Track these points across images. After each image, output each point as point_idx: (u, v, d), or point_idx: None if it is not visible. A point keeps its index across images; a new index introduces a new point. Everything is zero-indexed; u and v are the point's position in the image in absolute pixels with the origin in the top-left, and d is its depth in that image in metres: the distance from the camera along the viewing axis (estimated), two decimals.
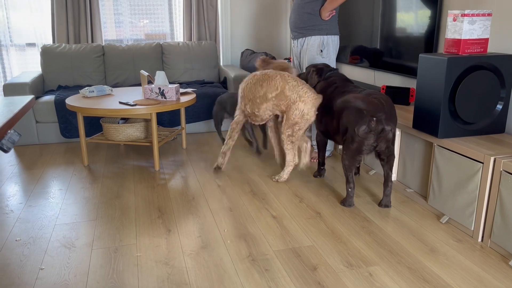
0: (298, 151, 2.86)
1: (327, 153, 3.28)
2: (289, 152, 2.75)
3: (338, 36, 3.11)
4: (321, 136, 2.85)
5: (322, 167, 2.95)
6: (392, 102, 2.37)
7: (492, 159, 1.99)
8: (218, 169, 3.05)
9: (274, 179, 2.86)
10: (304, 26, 3.05)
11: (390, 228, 2.25)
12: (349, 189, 2.48)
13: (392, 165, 2.43)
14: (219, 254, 2.02)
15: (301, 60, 3.18)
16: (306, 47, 3.09)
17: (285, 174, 2.84)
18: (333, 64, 3.10)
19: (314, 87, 2.86)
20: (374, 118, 2.24)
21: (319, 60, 3.06)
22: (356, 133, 2.29)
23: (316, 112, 2.69)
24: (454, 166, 2.21)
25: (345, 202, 2.52)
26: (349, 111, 2.37)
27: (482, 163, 2.04)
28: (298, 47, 3.18)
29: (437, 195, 2.37)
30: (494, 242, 2.03)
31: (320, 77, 2.85)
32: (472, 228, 2.14)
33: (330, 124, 2.63)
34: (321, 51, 3.05)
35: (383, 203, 2.50)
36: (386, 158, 2.41)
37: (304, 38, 3.09)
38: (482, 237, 2.11)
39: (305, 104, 2.62)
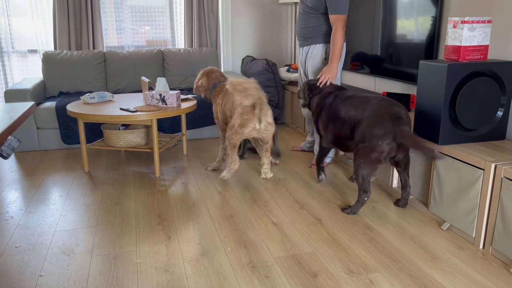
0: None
1: (328, 160, 3.30)
2: (229, 151, 2.94)
3: (345, 43, 3.05)
4: (329, 144, 2.77)
5: (322, 165, 2.98)
6: (407, 113, 2.37)
7: (493, 165, 1.98)
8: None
9: (206, 166, 3.25)
10: (309, 35, 3.05)
11: (391, 235, 2.24)
12: (366, 198, 2.45)
13: (409, 171, 2.51)
14: (219, 261, 2.01)
15: (306, 67, 3.19)
16: (311, 55, 3.10)
17: (224, 173, 3.00)
18: (338, 71, 3.06)
19: (310, 102, 2.91)
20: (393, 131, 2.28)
21: (322, 68, 3.05)
22: (380, 144, 2.29)
23: (253, 130, 2.87)
24: (455, 172, 2.21)
25: (353, 209, 2.49)
26: (371, 122, 2.34)
27: (483, 170, 2.03)
28: (303, 54, 3.19)
29: (438, 202, 2.36)
30: (496, 249, 2.02)
31: (312, 93, 2.88)
32: (474, 235, 2.13)
33: (340, 131, 2.57)
34: (325, 59, 3.05)
35: (400, 205, 2.59)
36: (403, 166, 2.48)
37: (309, 46, 3.10)
38: (484, 244, 2.10)
39: (239, 117, 2.84)
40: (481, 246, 2.11)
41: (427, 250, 2.09)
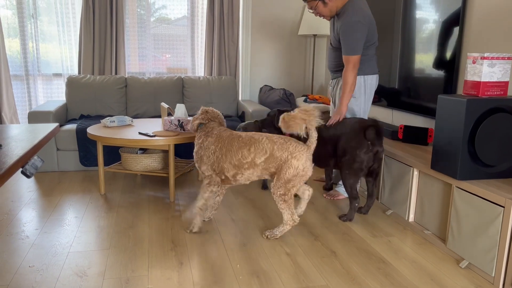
0: (299, 198, 2.73)
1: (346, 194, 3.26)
2: (284, 211, 2.45)
3: (375, 76, 2.97)
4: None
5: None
6: (377, 121, 2.74)
7: None
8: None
9: (264, 235, 2.55)
10: (338, 69, 3.06)
11: (407, 271, 2.19)
12: (356, 204, 2.79)
13: (376, 181, 2.86)
14: None
15: (335, 100, 3.16)
16: (338, 87, 3.10)
17: (279, 232, 2.52)
18: (366, 104, 3.00)
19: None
20: (370, 142, 2.67)
21: (351, 100, 2.97)
22: (358, 154, 2.67)
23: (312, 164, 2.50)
24: (474, 209, 2.16)
25: (348, 216, 2.81)
26: (348, 136, 2.73)
27: (503, 207, 1.99)
28: (334, 86, 3.18)
29: (456, 239, 2.31)
30: None
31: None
32: (493, 275, 2.07)
33: (322, 150, 2.88)
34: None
35: (363, 211, 2.93)
36: (375, 176, 2.82)
37: (337, 79, 3.11)
38: (503, 284, 2.03)
39: (298, 160, 2.37)
40: (500, 286, 2.04)
41: None
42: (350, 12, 2.77)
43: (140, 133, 3.12)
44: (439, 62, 3.01)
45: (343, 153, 2.74)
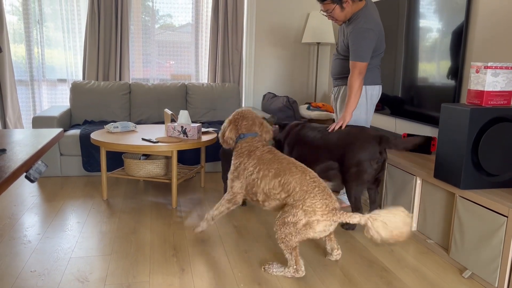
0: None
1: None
2: (286, 255, 2.15)
3: (376, 86, 2.94)
4: None
5: None
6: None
7: None
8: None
9: (263, 268, 2.23)
10: (339, 77, 3.07)
11: (410, 280, 2.18)
12: None
13: (379, 189, 2.86)
14: None
15: (336, 106, 3.19)
16: (338, 96, 3.11)
17: (278, 271, 2.19)
18: (368, 115, 2.98)
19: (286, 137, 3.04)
20: (379, 151, 2.65)
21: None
22: (371, 165, 2.63)
23: (326, 233, 2.13)
24: (477, 218, 2.15)
25: (351, 225, 2.81)
26: (356, 147, 2.63)
27: (507, 217, 1.98)
28: (334, 94, 3.20)
29: (459, 248, 2.29)
30: None
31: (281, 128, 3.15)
32: (496, 285, 2.06)
33: (314, 153, 2.83)
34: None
35: None
36: (377, 184, 2.80)
37: (338, 87, 3.12)
38: None
39: (306, 215, 2.05)
40: None
41: None
42: (363, 19, 2.77)
43: (143, 139, 3.13)
44: (443, 71, 3.01)
45: (352, 165, 2.63)
